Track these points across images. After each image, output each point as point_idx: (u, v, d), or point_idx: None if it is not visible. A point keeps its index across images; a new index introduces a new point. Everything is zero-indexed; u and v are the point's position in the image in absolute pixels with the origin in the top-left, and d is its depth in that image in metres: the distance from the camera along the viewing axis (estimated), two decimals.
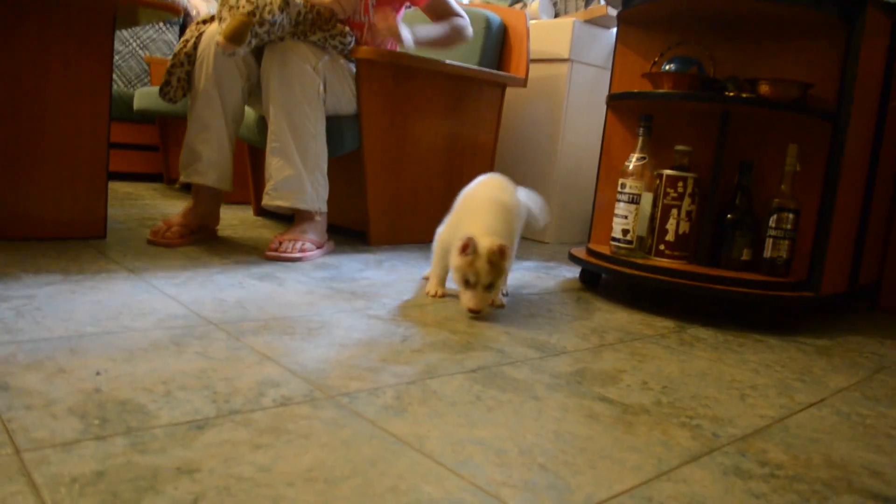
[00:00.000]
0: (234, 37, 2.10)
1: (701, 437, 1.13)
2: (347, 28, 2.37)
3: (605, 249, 2.26)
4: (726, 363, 1.59)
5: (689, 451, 1.07)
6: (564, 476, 0.94)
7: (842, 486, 1.00)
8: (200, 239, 2.38)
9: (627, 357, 1.54)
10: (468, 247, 1.61)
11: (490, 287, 1.66)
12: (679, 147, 2.14)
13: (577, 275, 2.54)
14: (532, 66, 3.37)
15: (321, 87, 2.29)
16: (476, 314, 1.69)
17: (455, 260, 1.65)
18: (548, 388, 1.28)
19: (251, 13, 2.11)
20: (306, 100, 2.24)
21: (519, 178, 3.50)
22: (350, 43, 2.40)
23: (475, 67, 2.91)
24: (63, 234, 2.18)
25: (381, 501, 0.82)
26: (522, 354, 1.47)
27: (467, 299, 1.67)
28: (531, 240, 3.41)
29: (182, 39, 2.38)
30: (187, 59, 2.32)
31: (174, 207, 3.24)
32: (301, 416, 1.04)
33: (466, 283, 1.66)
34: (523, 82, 3.08)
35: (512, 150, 3.53)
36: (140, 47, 4.46)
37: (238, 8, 2.13)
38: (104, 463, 0.85)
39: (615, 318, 1.92)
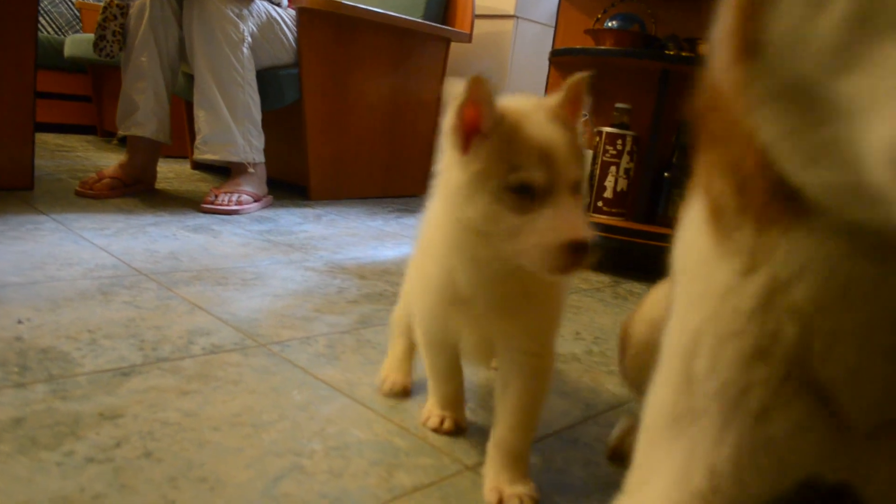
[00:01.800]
0: None
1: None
2: None
3: None
4: None
5: (615, 398, 1.09)
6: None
7: None
8: (134, 192, 2.31)
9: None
10: (475, 103, 0.65)
11: (578, 191, 0.67)
12: (619, 105, 2.16)
13: None
14: (477, 22, 3.34)
15: (246, 34, 2.22)
16: (584, 247, 0.63)
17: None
18: None
19: None
20: (230, 48, 2.17)
21: None
22: None
23: (419, 20, 2.87)
24: None
25: (309, 444, 0.82)
26: None
27: (554, 223, 0.63)
28: None
29: None
30: (120, 12, 2.23)
31: (108, 160, 3.13)
32: (231, 363, 1.03)
33: (523, 193, 0.64)
34: (468, 37, 3.05)
35: None
36: None
37: None
38: (23, 410, 0.83)
39: None
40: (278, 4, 2.44)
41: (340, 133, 2.72)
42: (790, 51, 0.36)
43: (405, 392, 0.98)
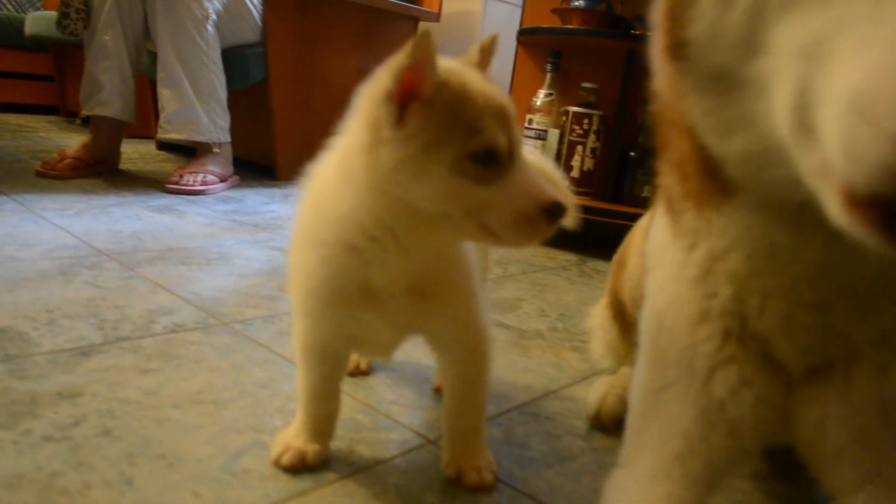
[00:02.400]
0: None
1: (591, 359, 1.17)
2: None
3: None
4: None
5: (578, 372, 1.11)
6: None
7: None
8: (98, 173, 2.27)
9: (528, 287, 1.58)
10: (423, 53, 0.55)
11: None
12: (585, 84, 2.16)
13: None
14: (446, 2, 3.32)
15: (211, 12, 2.19)
16: (558, 209, 0.58)
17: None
18: None
19: None
20: (194, 26, 2.14)
21: None
22: None
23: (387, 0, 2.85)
24: None
25: (270, 420, 0.82)
26: None
27: (525, 188, 0.58)
28: None
29: None
30: None
31: (71, 141, 3.08)
32: (192, 342, 1.03)
33: (485, 160, 0.57)
34: (436, 17, 3.03)
35: None
36: None
37: None
38: None
39: (519, 251, 1.95)
40: None
41: (307, 112, 2.69)
42: (708, 46, 0.42)
43: (303, 463, 0.73)
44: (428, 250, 0.65)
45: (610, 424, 0.90)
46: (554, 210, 0.57)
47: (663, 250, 0.59)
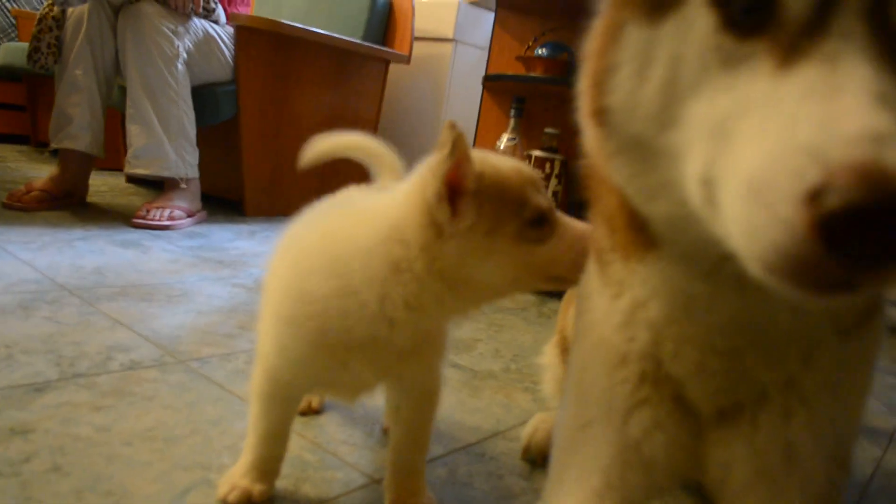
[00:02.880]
0: None
1: (541, 399, 1.20)
2: None
3: None
4: None
5: (526, 413, 1.14)
6: None
7: None
8: (65, 205, 2.29)
9: (485, 327, 1.61)
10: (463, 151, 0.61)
11: None
12: (548, 130, 2.23)
13: None
14: (417, 44, 3.40)
15: (181, 51, 2.23)
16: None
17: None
18: None
19: None
20: (164, 64, 2.18)
21: (402, 153, 3.53)
22: (214, 9, 2.37)
23: (358, 41, 2.91)
24: None
25: (219, 458, 0.85)
26: None
27: (574, 238, 0.66)
28: None
29: (47, 2, 2.26)
30: (55, 24, 2.21)
31: (39, 172, 3.08)
32: (147, 379, 1.05)
33: (538, 224, 0.64)
34: (407, 59, 3.10)
35: (395, 125, 3.55)
36: None
37: None
38: None
39: None
40: (216, 21, 2.46)
41: (277, 150, 2.73)
42: (626, 115, 0.45)
43: (264, 499, 0.77)
44: (460, 312, 0.69)
45: (538, 458, 0.94)
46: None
47: (591, 296, 0.62)
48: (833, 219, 0.29)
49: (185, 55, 2.26)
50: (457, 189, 0.61)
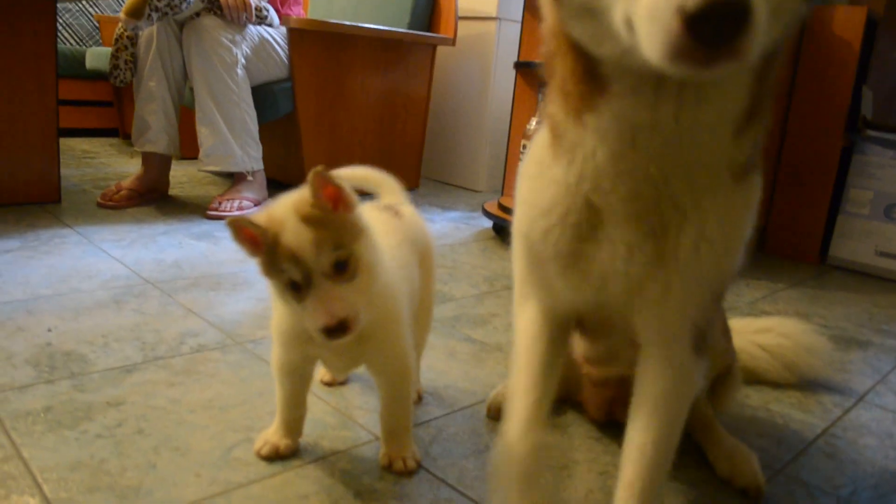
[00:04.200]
0: (133, 11, 2.31)
1: None
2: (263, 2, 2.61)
3: (512, 203, 2.53)
4: None
5: None
6: None
7: None
8: (149, 200, 2.62)
9: (506, 302, 1.83)
10: (246, 228, 0.82)
11: (343, 269, 0.83)
12: None
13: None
14: (462, 24, 3.57)
15: (240, 57, 2.50)
16: (335, 329, 0.81)
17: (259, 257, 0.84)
18: None
19: None
20: (226, 71, 2.46)
21: (452, 131, 3.74)
22: (266, 15, 2.63)
23: (404, 31, 3.12)
24: (21, 199, 2.41)
25: (259, 422, 1.11)
26: None
27: (312, 311, 0.82)
28: (463, 188, 3.67)
29: (120, 23, 2.56)
30: (130, 42, 2.52)
31: (128, 166, 3.45)
32: (211, 359, 1.32)
33: (293, 287, 0.83)
34: (452, 41, 3.29)
35: (445, 105, 3.75)
36: (90, 4, 4.57)
37: None
38: (51, 400, 1.12)
39: (511, 266, 2.20)
40: (270, 24, 2.71)
41: (333, 137, 2.99)
42: None
43: (277, 454, 1.02)
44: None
45: (497, 416, 1.17)
46: (329, 330, 0.80)
47: (543, 166, 0.74)
48: (690, 19, 0.46)
49: (243, 60, 2.52)
50: (253, 241, 0.82)
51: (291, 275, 0.80)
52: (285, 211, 0.82)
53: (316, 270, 0.80)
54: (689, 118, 0.63)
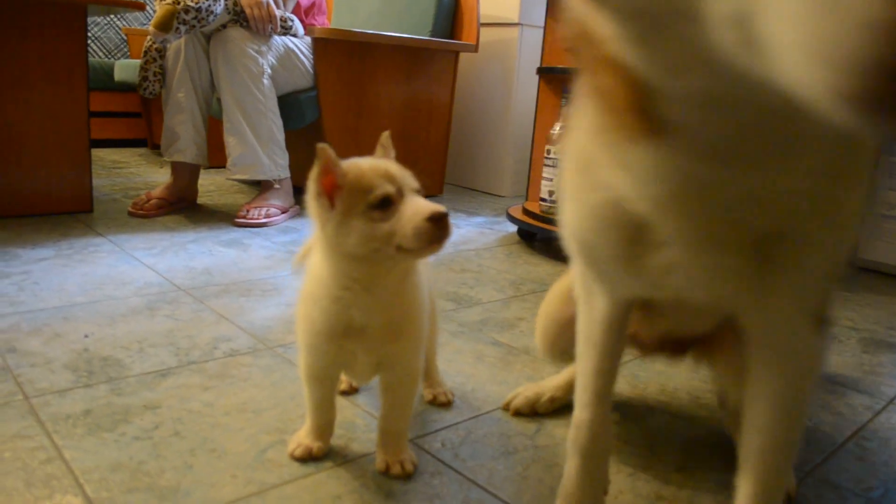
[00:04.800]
0: (161, 25, 2.36)
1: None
2: (288, 13, 2.65)
3: (537, 208, 2.54)
4: None
5: None
6: None
7: (663, 409, 1.31)
8: (179, 209, 2.66)
9: (532, 306, 1.84)
10: (328, 161, 0.86)
11: (420, 192, 0.89)
12: None
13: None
14: (484, 30, 3.59)
15: (266, 67, 2.54)
16: (442, 216, 0.83)
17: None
18: (451, 336, 1.58)
19: (175, 1, 2.35)
20: (252, 81, 2.50)
21: (476, 137, 3.76)
22: (291, 25, 2.66)
23: (427, 38, 3.14)
24: (55, 209, 2.46)
25: (292, 424, 1.13)
26: (440, 307, 1.77)
27: (413, 212, 0.84)
28: (487, 193, 3.69)
29: (149, 36, 2.61)
30: (158, 55, 2.57)
31: (157, 175, 3.51)
32: (243, 364, 1.35)
33: (383, 205, 0.84)
34: (474, 48, 3.31)
35: (468, 111, 3.77)
36: (118, 18, 4.66)
37: None
38: (90, 403, 1.16)
39: (537, 270, 2.22)
40: (295, 35, 2.75)
41: (358, 144, 3.01)
42: None
43: (310, 455, 1.04)
44: (385, 289, 0.90)
45: (514, 413, 1.23)
46: (437, 217, 0.82)
47: (591, 164, 0.64)
48: None
49: (269, 71, 2.56)
50: (334, 186, 0.85)
51: (385, 188, 0.84)
52: (362, 159, 0.90)
53: (406, 186, 0.86)
54: (772, 186, 0.52)
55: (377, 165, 0.87)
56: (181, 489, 0.94)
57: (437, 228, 0.82)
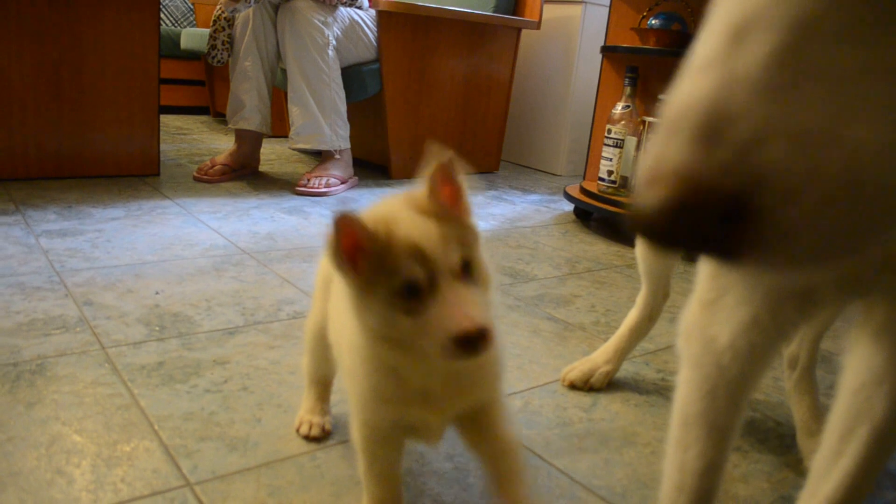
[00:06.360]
0: None
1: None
2: None
3: (594, 188, 2.53)
4: (675, 290, 1.87)
5: None
6: None
7: None
8: (241, 176, 2.72)
9: (588, 284, 1.85)
10: (355, 227, 0.64)
11: (469, 272, 0.66)
12: (662, 97, 2.37)
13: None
14: (547, 7, 3.56)
15: (331, 39, 2.57)
16: (476, 337, 0.61)
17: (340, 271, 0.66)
18: (508, 309, 1.60)
19: None
20: (317, 52, 2.53)
21: (534, 115, 3.74)
22: None
23: (489, 14, 3.14)
24: (124, 171, 2.54)
25: None
26: (498, 281, 1.79)
27: (441, 318, 0.62)
28: (543, 171, 3.68)
29: (219, 6, 2.66)
30: (227, 24, 2.62)
31: (220, 142, 3.58)
32: None
33: (410, 294, 0.64)
34: (537, 25, 3.29)
35: (528, 88, 3.76)
36: None
37: None
38: (163, 356, 1.21)
39: (592, 249, 2.22)
40: (360, 7, 2.77)
41: (418, 118, 3.04)
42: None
43: (324, 433, 1.01)
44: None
45: (569, 385, 1.26)
46: (465, 339, 0.60)
47: None
48: None
49: (334, 42, 2.59)
50: (355, 249, 0.64)
51: (412, 273, 0.62)
52: (396, 207, 0.67)
53: (443, 269, 0.63)
54: None
55: (411, 235, 0.63)
56: (250, 440, 0.99)
57: (465, 347, 0.61)
